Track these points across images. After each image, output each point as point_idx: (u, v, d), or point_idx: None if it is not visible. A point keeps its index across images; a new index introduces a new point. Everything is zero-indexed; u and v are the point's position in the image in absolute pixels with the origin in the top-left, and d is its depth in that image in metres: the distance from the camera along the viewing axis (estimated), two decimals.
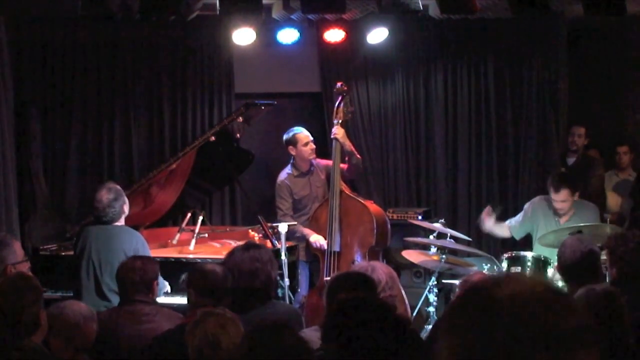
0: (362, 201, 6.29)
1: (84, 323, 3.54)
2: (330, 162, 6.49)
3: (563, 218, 6.05)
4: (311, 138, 6.51)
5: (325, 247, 6.16)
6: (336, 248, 6.20)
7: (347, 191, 6.34)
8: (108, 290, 4.90)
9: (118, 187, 5.22)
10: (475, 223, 7.95)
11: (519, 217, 6.32)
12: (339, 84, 6.50)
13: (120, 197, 5.15)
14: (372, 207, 6.30)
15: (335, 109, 6.43)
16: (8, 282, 3.59)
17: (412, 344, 2.90)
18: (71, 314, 3.52)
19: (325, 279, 5.98)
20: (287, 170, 6.55)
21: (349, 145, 6.40)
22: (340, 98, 6.42)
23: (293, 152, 6.48)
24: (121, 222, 5.17)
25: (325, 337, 3.24)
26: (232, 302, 3.97)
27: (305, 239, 6.29)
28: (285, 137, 6.52)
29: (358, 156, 6.54)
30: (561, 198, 5.93)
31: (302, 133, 6.49)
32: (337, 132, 6.33)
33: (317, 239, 6.19)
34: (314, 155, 6.53)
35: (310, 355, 2.92)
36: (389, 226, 6.35)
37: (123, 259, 4.82)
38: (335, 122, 6.38)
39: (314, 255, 6.36)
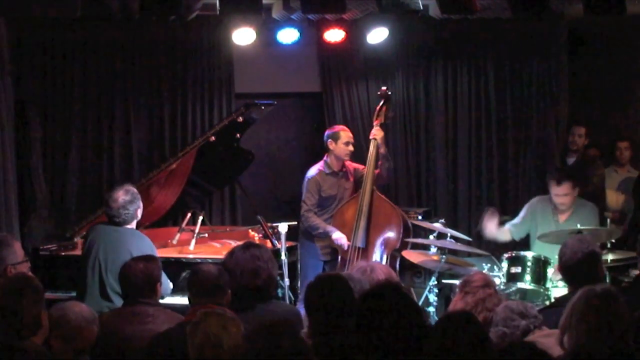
0: (392, 204, 6.39)
1: (85, 325, 3.54)
2: (359, 166, 6.59)
3: (562, 217, 6.06)
4: (353, 141, 6.61)
5: (346, 247, 6.25)
6: (360, 244, 6.27)
7: (378, 192, 6.42)
8: (111, 291, 4.89)
9: (135, 190, 5.20)
10: (475, 223, 7.96)
11: (517, 219, 6.33)
12: (383, 88, 6.72)
13: (137, 200, 5.14)
14: (400, 211, 6.40)
15: (376, 111, 6.62)
16: (9, 283, 3.59)
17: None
18: (72, 316, 3.52)
19: (345, 272, 6.00)
20: (319, 166, 6.60)
21: (384, 149, 6.52)
22: (382, 101, 6.55)
23: (331, 147, 6.55)
24: (132, 225, 5.16)
25: (314, 344, 3.25)
26: (234, 301, 3.98)
27: (326, 236, 6.33)
28: (328, 131, 6.63)
29: (391, 161, 6.66)
30: (563, 191, 5.94)
31: (346, 132, 6.61)
32: (377, 133, 6.51)
33: (340, 237, 6.25)
34: (349, 158, 6.58)
35: (309, 355, 2.92)
36: (411, 234, 6.42)
37: None
38: (375, 124, 6.56)
39: (334, 253, 6.41)
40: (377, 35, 7.35)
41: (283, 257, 5.52)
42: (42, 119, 7.14)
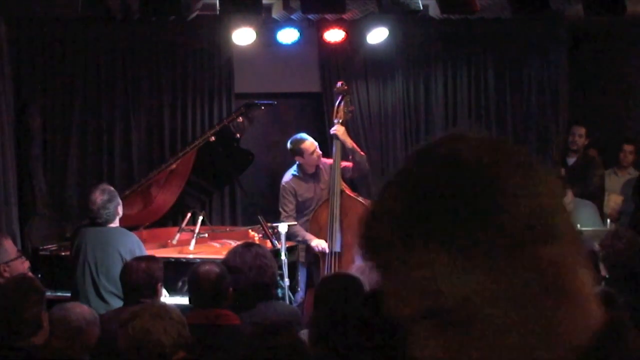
0: (363, 201, 6.31)
1: (87, 326, 3.53)
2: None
3: None
4: (316, 144, 6.47)
5: (327, 250, 6.18)
6: (337, 249, 6.21)
7: (348, 191, 6.36)
8: (105, 292, 4.89)
9: (112, 188, 5.21)
10: None
11: None
12: (339, 84, 6.53)
13: (115, 198, 5.13)
14: None
15: (335, 108, 6.47)
16: (11, 284, 3.60)
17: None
18: (74, 317, 3.51)
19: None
20: (293, 171, 6.54)
21: (350, 142, 6.42)
22: (340, 97, 6.45)
23: (300, 161, 6.47)
24: (116, 223, 5.15)
25: (313, 338, 3.25)
26: (238, 299, 3.98)
27: (306, 243, 6.29)
28: (290, 146, 6.46)
29: (361, 153, 6.54)
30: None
31: (307, 142, 6.42)
32: (337, 129, 6.35)
33: (319, 243, 6.20)
34: (321, 160, 6.52)
35: (308, 356, 2.92)
36: None
37: (119, 260, 4.82)
38: (335, 121, 6.42)
39: (314, 256, 6.37)
40: (377, 35, 7.34)
41: (283, 257, 5.51)
42: (42, 119, 7.14)
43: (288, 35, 7.31)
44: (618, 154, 7.88)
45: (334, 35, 7.42)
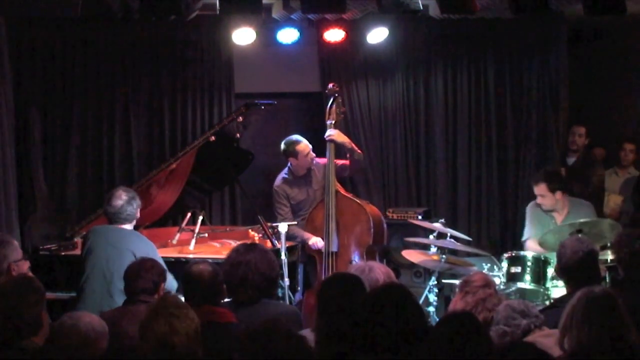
0: (358, 201, 6.33)
1: (95, 336, 3.48)
2: (326, 160, 6.52)
3: (559, 218, 6.06)
4: (310, 146, 6.48)
5: (323, 248, 6.18)
6: (334, 248, 6.23)
7: (343, 191, 6.37)
8: (115, 289, 4.89)
9: (133, 190, 5.26)
10: (475, 223, 7.99)
11: (530, 228, 6.25)
12: (330, 85, 6.53)
13: (137, 199, 5.19)
14: (368, 206, 6.34)
15: (327, 110, 6.47)
16: (11, 283, 3.60)
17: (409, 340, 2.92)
18: (83, 327, 3.45)
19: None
20: (284, 174, 6.55)
21: (348, 142, 6.43)
22: (332, 99, 6.45)
23: (294, 163, 6.47)
24: (131, 226, 5.17)
25: (321, 340, 3.26)
26: (245, 293, 3.98)
27: (303, 242, 6.30)
28: (284, 147, 6.48)
29: (359, 151, 6.55)
30: (539, 192, 6.03)
31: (302, 144, 6.45)
32: (333, 133, 6.36)
33: (316, 241, 6.22)
34: (313, 163, 6.52)
35: (310, 354, 2.93)
36: (385, 225, 6.39)
37: (132, 259, 4.83)
38: (328, 123, 6.42)
39: (309, 257, 6.38)
40: (377, 35, 7.35)
41: (283, 257, 5.51)
42: (42, 119, 7.14)
43: (288, 35, 7.32)
44: (619, 152, 7.88)
45: (334, 35, 7.43)
